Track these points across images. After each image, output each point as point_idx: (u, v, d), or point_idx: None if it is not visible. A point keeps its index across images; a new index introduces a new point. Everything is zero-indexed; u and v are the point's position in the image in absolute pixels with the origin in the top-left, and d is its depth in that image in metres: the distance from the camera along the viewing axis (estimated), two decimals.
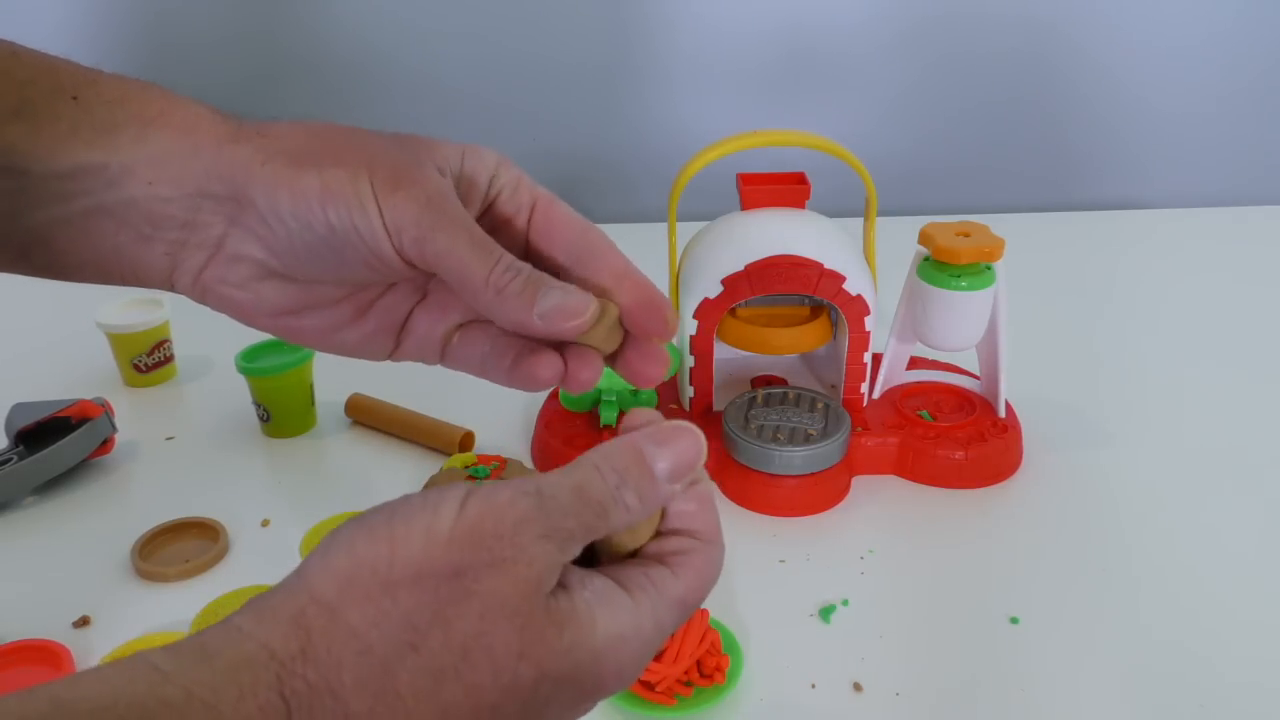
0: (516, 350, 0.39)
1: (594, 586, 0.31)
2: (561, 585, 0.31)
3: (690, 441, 0.33)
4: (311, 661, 0.28)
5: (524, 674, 0.29)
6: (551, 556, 0.30)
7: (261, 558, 0.70)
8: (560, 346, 0.38)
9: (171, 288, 0.39)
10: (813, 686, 0.58)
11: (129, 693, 0.26)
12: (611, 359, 0.39)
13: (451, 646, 0.28)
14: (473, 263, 0.35)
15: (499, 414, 0.84)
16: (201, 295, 0.39)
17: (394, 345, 0.41)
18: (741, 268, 0.74)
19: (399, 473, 0.79)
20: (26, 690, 0.26)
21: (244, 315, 0.40)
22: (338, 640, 0.28)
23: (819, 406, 0.77)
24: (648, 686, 0.56)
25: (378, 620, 0.28)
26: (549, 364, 0.38)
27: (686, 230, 0.81)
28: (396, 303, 0.40)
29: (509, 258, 0.36)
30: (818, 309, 0.81)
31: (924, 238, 0.76)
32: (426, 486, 0.74)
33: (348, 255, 0.36)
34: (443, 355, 0.41)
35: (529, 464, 0.79)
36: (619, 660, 0.31)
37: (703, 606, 0.45)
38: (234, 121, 0.38)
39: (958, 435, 0.77)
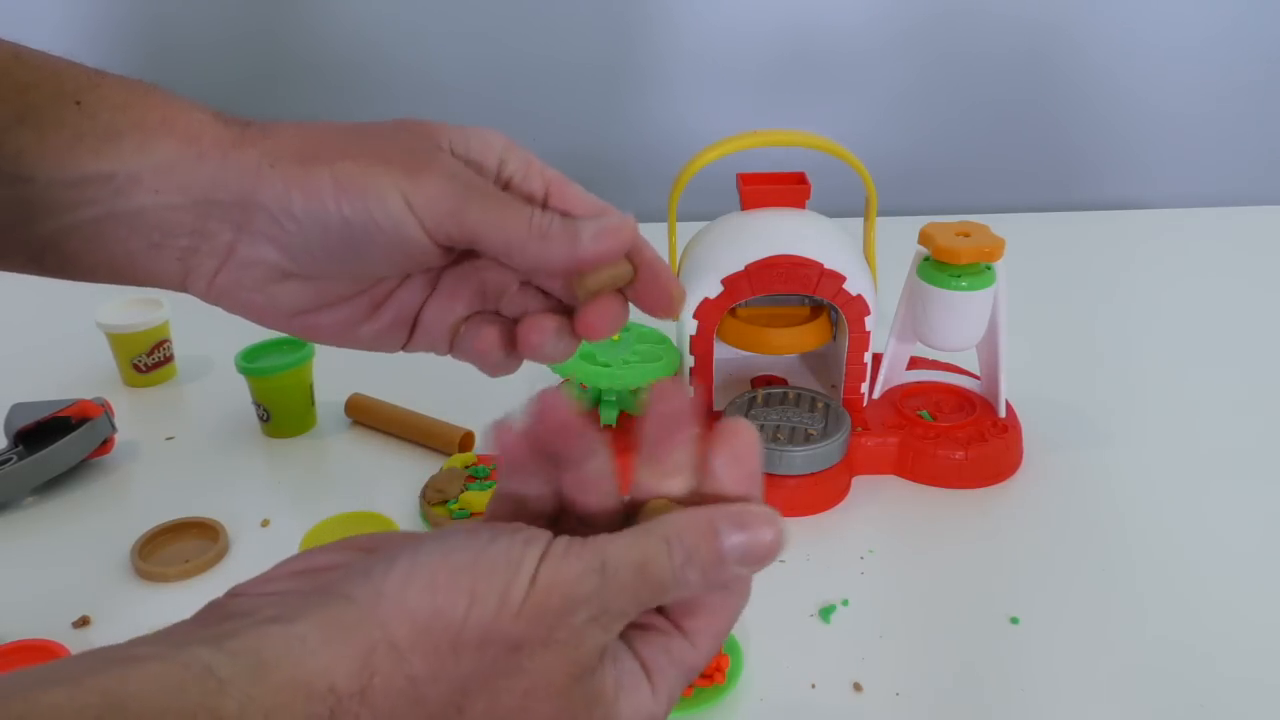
0: (521, 328, 0.40)
1: (622, 668, 0.32)
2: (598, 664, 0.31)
3: (771, 533, 0.31)
4: (368, 705, 0.28)
5: None
6: (599, 641, 0.30)
7: (261, 558, 0.70)
8: (568, 312, 0.40)
9: (186, 291, 0.40)
10: (813, 686, 0.58)
11: (182, 700, 0.26)
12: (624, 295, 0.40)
13: (493, 715, 0.29)
14: (512, 218, 0.36)
15: (499, 414, 0.84)
16: (216, 299, 0.40)
17: (407, 337, 0.42)
18: (741, 268, 0.74)
19: (399, 473, 0.79)
20: (71, 677, 0.25)
21: (260, 317, 0.40)
22: (396, 688, 0.28)
23: (819, 406, 0.77)
24: None
25: (437, 676, 0.29)
26: (537, 326, 0.39)
27: (686, 230, 0.81)
28: (410, 296, 0.41)
29: (537, 209, 0.37)
30: (818, 309, 0.81)
31: (924, 238, 0.76)
32: (426, 486, 0.74)
33: (365, 248, 0.36)
34: (452, 345, 0.42)
35: None
36: None
37: None
38: (237, 126, 0.38)
39: (958, 435, 0.77)
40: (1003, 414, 0.80)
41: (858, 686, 0.58)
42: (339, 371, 0.88)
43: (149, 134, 0.37)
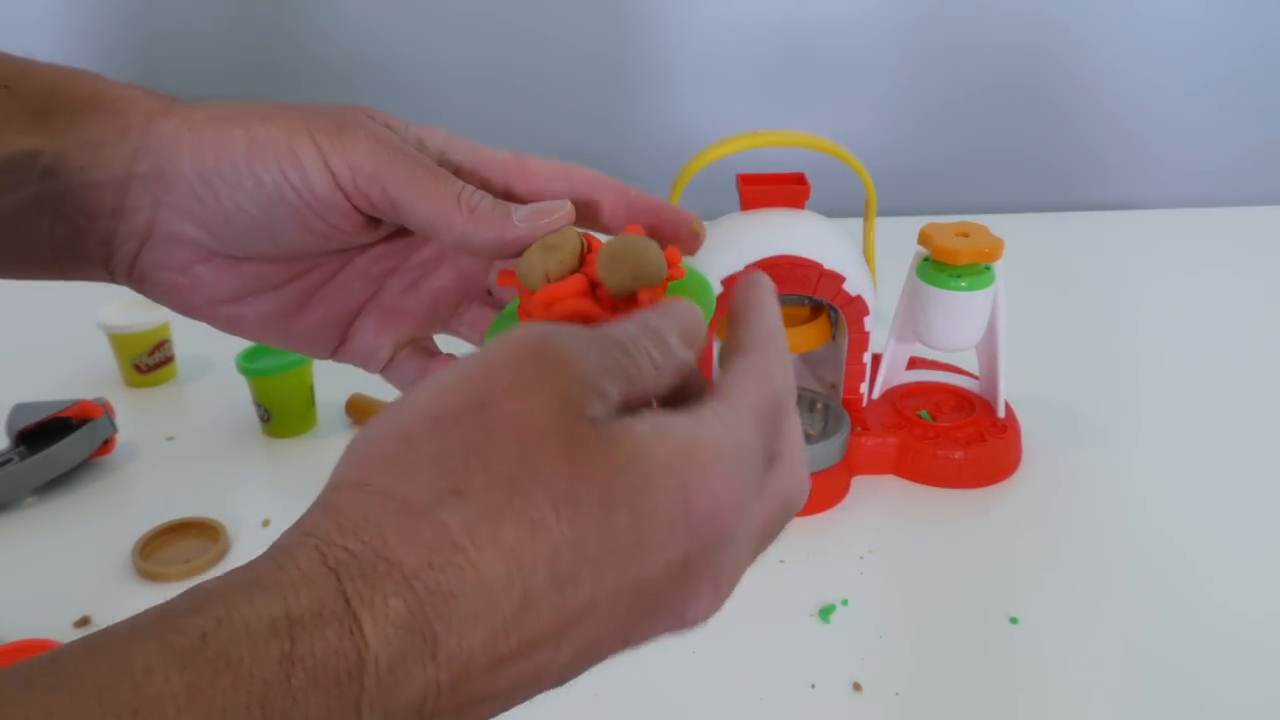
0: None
1: (645, 418, 0.27)
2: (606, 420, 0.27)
3: (687, 307, 0.31)
4: (349, 532, 0.25)
5: (586, 498, 0.25)
6: (582, 373, 0.26)
7: None
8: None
9: (112, 279, 0.37)
10: (813, 686, 0.58)
11: (172, 600, 0.24)
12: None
13: (496, 481, 0.25)
14: (437, 191, 0.34)
15: None
16: (140, 284, 0.37)
17: (339, 339, 0.40)
18: (741, 268, 0.74)
19: None
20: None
21: (184, 304, 0.38)
22: (371, 506, 0.25)
23: (819, 406, 0.77)
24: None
25: (404, 473, 0.25)
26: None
27: None
28: (343, 293, 0.39)
29: (470, 185, 0.35)
30: (818, 309, 0.81)
31: (924, 238, 0.76)
32: None
33: (280, 216, 0.34)
34: (387, 366, 0.40)
35: None
36: (703, 472, 0.26)
37: None
38: (167, 99, 0.37)
39: (957, 435, 0.77)
40: (1002, 414, 0.80)
41: (858, 686, 0.58)
42: (339, 371, 0.87)
43: (78, 111, 0.35)
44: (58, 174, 0.35)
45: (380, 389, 0.86)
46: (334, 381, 0.87)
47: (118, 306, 0.92)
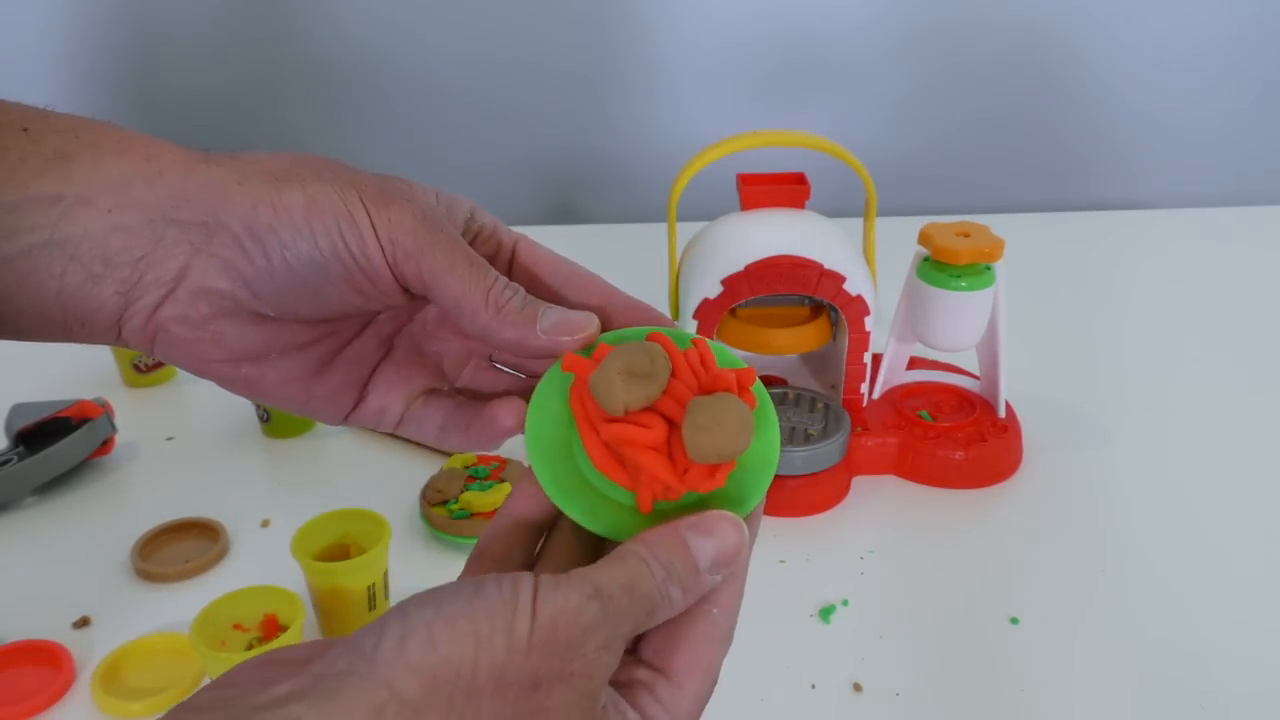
0: (475, 408, 0.38)
1: (626, 715, 0.30)
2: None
3: (733, 532, 0.31)
4: None
5: None
6: (609, 667, 0.29)
7: (261, 558, 0.70)
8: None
9: (118, 335, 0.35)
10: (813, 686, 0.58)
11: None
12: None
13: None
14: (471, 280, 0.34)
15: None
16: (151, 339, 0.36)
17: (355, 401, 0.39)
18: (741, 268, 0.74)
19: (399, 473, 0.79)
20: None
21: (198, 362, 0.37)
22: None
23: (819, 406, 0.77)
24: None
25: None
26: (511, 408, 0.37)
27: (686, 230, 0.81)
28: (363, 356, 0.39)
29: (504, 278, 0.35)
30: (818, 309, 0.81)
31: (924, 238, 0.76)
32: (427, 486, 0.74)
33: (331, 277, 0.34)
34: (401, 421, 0.40)
35: (528, 464, 0.79)
36: None
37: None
38: (199, 151, 0.36)
39: (957, 435, 0.77)
40: (1002, 414, 0.80)
41: (858, 686, 0.58)
42: None
43: (104, 152, 0.34)
44: (78, 217, 0.33)
45: None
46: None
47: None
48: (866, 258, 0.80)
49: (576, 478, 0.33)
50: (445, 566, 0.70)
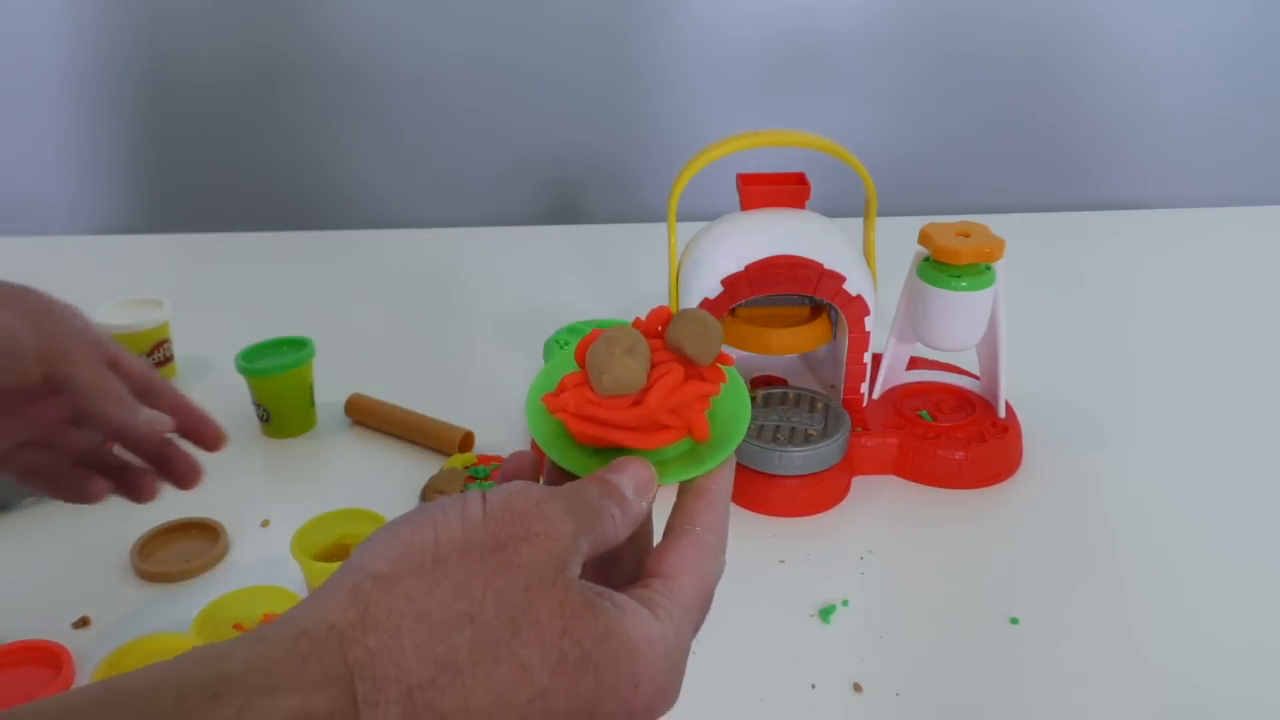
0: (67, 471, 0.56)
1: (615, 597, 0.32)
2: (593, 592, 0.32)
3: (642, 468, 0.35)
4: (372, 628, 0.28)
5: (570, 653, 0.29)
6: (573, 533, 0.31)
7: (261, 558, 0.70)
8: (114, 473, 0.56)
9: None
10: (813, 687, 0.58)
11: (184, 670, 0.26)
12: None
13: (503, 619, 0.29)
14: (101, 380, 0.51)
15: (499, 414, 0.84)
16: None
17: None
18: (741, 268, 0.74)
19: (399, 473, 0.79)
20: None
21: None
22: (396, 607, 0.28)
23: (819, 406, 0.77)
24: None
25: (432, 587, 0.29)
26: (99, 485, 0.56)
27: (686, 230, 0.81)
28: None
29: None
30: (818, 309, 0.81)
31: (924, 238, 0.76)
32: (426, 486, 0.74)
33: None
34: None
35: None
36: (653, 666, 0.31)
37: None
38: None
39: (958, 435, 0.77)
40: (1002, 414, 0.80)
41: (858, 686, 0.58)
42: (339, 371, 0.88)
43: None
44: None
45: (380, 389, 0.86)
46: (334, 381, 0.87)
47: (117, 306, 0.92)
48: (866, 258, 0.80)
49: (568, 445, 0.38)
50: None
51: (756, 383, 0.85)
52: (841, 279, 0.74)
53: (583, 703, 0.29)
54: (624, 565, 0.37)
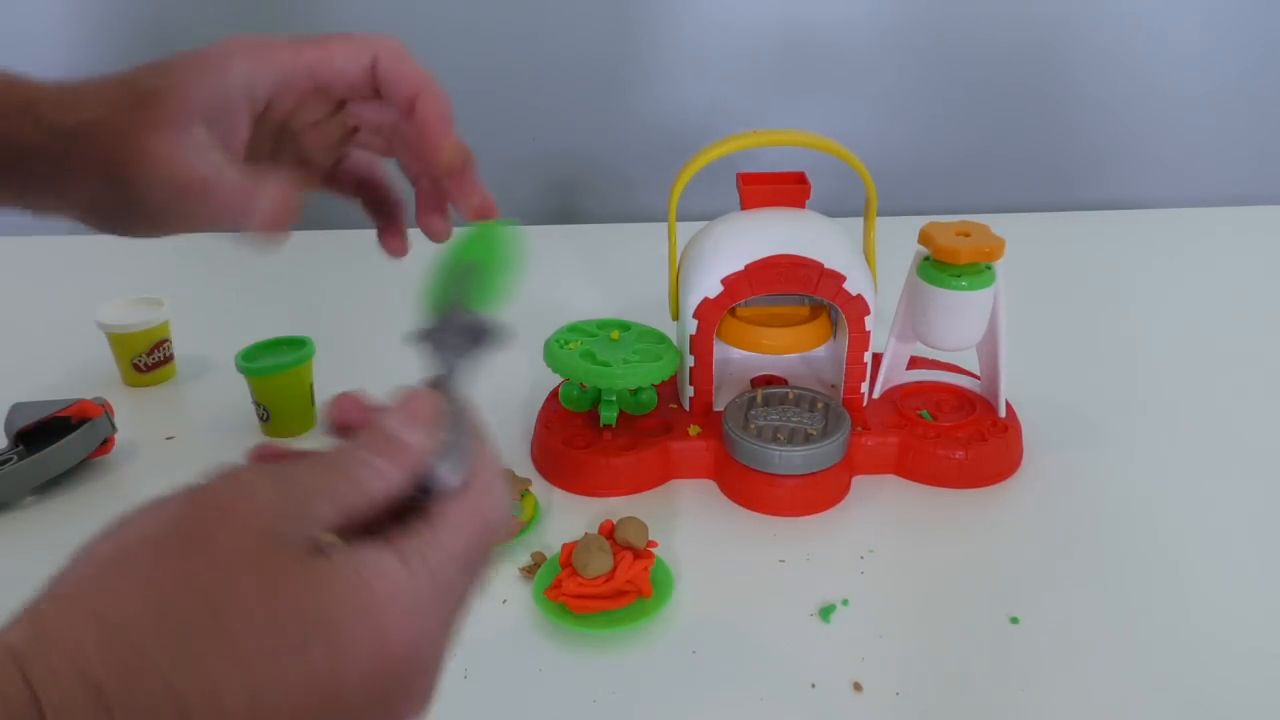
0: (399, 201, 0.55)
1: (359, 552, 0.30)
2: (319, 552, 0.29)
3: (413, 395, 0.35)
4: (53, 645, 0.26)
5: (287, 630, 0.27)
6: (284, 507, 0.29)
7: None
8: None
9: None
10: (813, 686, 0.58)
11: None
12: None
13: (200, 605, 0.27)
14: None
15: (498, 414, 0.84)
16: None
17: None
18: (741, 268, 0.74)
19: None
20: None
21: None
22: (78, 623, 0.26)
23: (819, 406, 0.77)
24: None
25: (118, 594, 0.27)
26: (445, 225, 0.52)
27: (686, 230, 0.81)
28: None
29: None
30: (818, 309, 0.81)
31: (924, 238, 0.76)
32: None
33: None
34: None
35: (528, 465, 0.79)
36: (404, 617, 0.29)
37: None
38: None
39: (958, 435, 0.77)
40: (1003, 414, 0.80)
41: (858, 686, 0.58)
42: (339, 371, 0.88)
43: None
44: None
45: (380, 389, 0.86)
46: (334, 381, 0.87)
47: (117, 306, 0.92)
48: (866, 257, 0.80)
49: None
50: None
51: (756, 382, 0.85)
52: (841, 278, 0.74)
53: (322, 675, 0.27)
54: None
